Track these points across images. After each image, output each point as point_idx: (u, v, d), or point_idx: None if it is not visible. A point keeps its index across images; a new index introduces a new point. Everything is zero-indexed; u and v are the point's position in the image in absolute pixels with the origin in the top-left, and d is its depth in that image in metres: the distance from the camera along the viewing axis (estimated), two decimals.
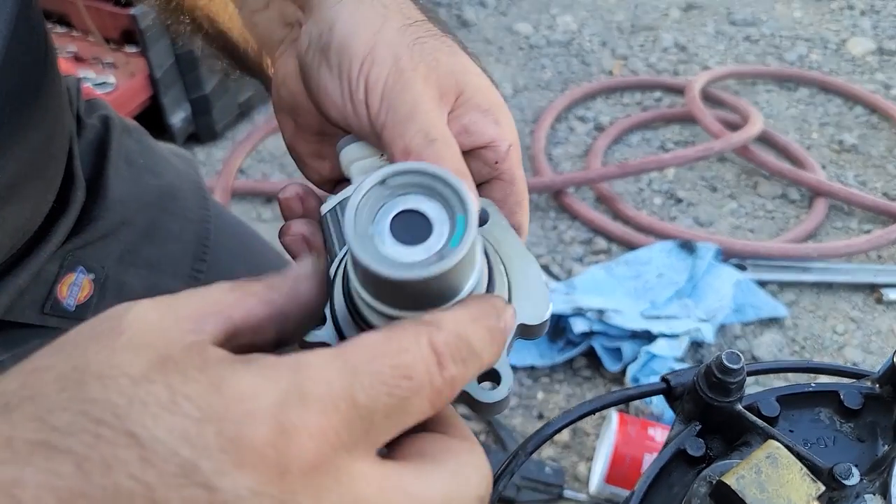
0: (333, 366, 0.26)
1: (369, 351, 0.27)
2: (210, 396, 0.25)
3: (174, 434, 0.24)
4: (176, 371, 0.25)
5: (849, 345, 1.69)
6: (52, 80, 0.62)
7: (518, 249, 0.41)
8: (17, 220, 0.59)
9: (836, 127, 2.27)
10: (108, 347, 0.26)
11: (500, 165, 0.43)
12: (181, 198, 0.77)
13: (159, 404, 0.24)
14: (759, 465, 0.39)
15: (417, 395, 0.28)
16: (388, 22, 0.42)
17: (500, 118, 0.43)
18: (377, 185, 0.33)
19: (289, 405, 0.25)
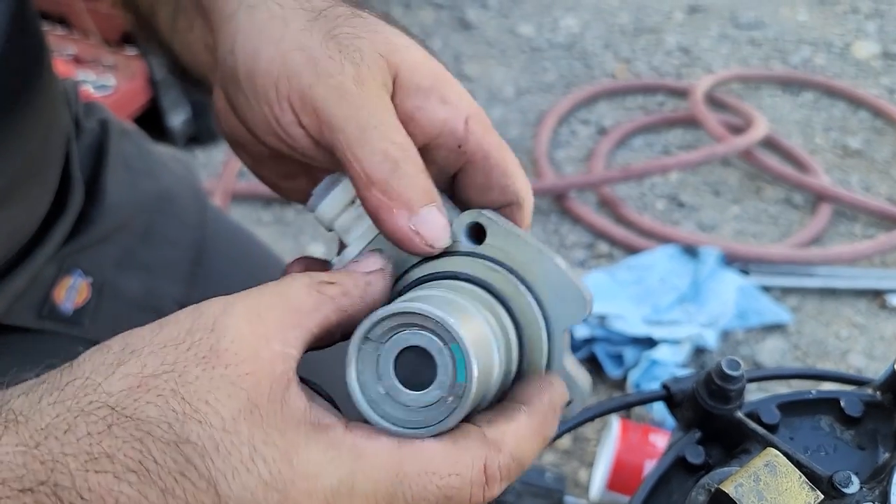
0: (388, 467, 0.30)
1: (425, 463, 0.31)
2: (281, 465, 0.29)
3: (246, 492, 0.28)
4: (260, 426, 0.29)
5: (852, 350, 1.68)
6: (48, 82, 0.61)
7: (530, 253, 0.38)
8: (14, 222, 0.59)
9: (841, 131, 2.26)
10: (207, 376, 0.29)
11: (466, 147, 0.39)
12: (179, 202, 0.76)
13: (240, 459, 0.28)
14: (757, 473, 0.38)
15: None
16: (289, 25, 0.38)
17: (447, 93, 0.38)
18: (361, 344, 0.33)
19: (340, 494, 0.29)
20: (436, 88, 0.38)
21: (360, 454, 0.30)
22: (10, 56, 0.53)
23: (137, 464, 0.27)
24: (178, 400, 0.29)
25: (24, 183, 0.58)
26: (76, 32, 1.91)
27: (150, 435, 0.28)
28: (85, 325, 0.64)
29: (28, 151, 0.58)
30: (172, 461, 0.28)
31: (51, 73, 0.62)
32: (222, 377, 0.29)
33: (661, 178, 2.10)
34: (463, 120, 0.38)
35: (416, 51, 0.39)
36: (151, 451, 0.28)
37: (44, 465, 0.27)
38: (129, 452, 0.27)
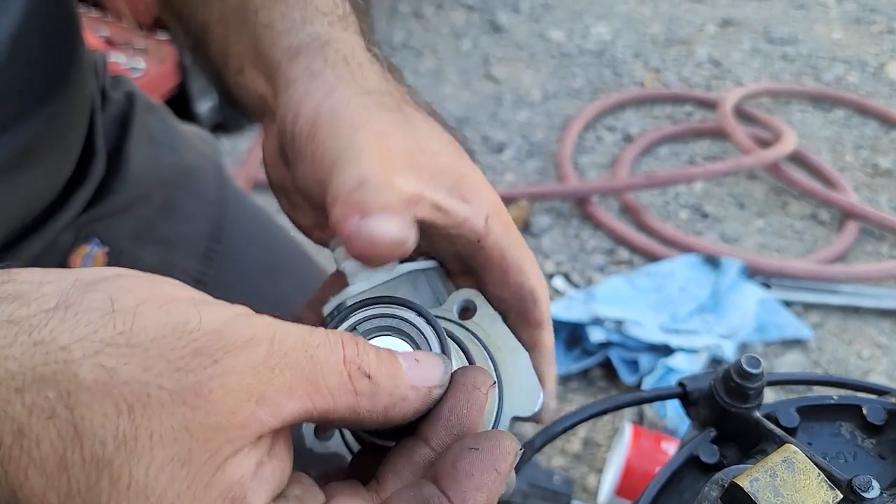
0: None
1: None
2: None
3: None
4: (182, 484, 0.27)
5: (874, 371, 1.64)
6: (75, 50, 0.61)
7: (506, 340, 0.42)
8: (32, 186, 0.59)
9: (872, 150, 2.23)
10: (169, 410, 0.27)
11: (484, 243, 0.41)
12: (200, 178, 0.76)
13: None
14: (774, 468, 0.37)
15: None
16: (336, 91, 0.41)
17: (468, 193, 0.41)
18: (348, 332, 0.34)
19: None
20: (458, 188, 0.40)
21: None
22: (38, 20, 0.54)
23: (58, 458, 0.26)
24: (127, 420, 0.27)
25: (44, 147, 0.58)
26: (109, 15, 1.93)
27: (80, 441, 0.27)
28: None
29: (50, 116, 0.58)
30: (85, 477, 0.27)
31: (79, 41, 0.63)
32: (182, 417, 0.27)
33: (685, 187, 2.07)
34: (483, 218, 0.41)
35: (441, 154, 0.41)
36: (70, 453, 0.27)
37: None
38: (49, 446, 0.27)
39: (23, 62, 0.53)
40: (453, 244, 0.42)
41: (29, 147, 0.55)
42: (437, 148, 0.42)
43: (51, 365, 0.27)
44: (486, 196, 0.42)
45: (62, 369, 0.27)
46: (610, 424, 1.50)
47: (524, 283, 0.42)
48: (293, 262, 0.83)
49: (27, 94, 0.55)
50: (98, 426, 0.26)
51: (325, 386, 0.29)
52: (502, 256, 0.42)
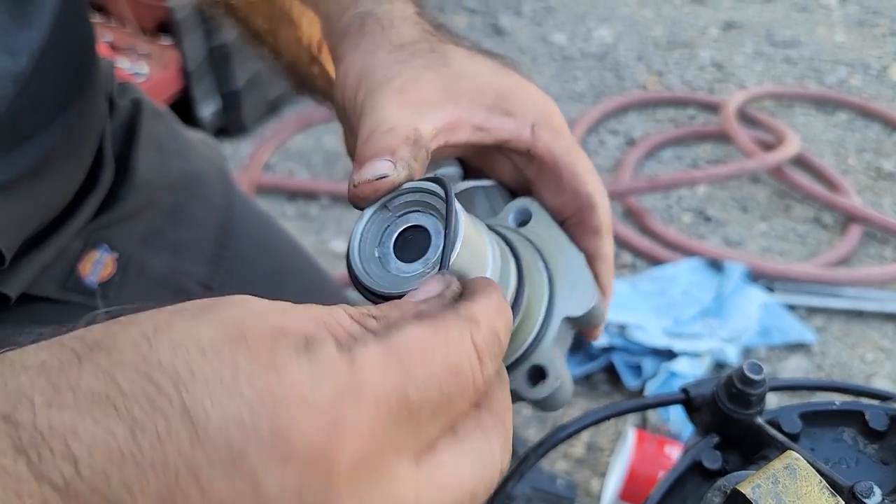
0: (388, 364, 0.26)
1: (420, 347, 0.27)
2: (268, 381, 0.24)
3: (229, 419, 0.23)
4: (245, 349, 0.25)
5: (878, 374, 1.65)
6: (92, 60, 0.63)
7: (561, 244, 0.41)
8: (48, 195, 0.60)
9: (875, 153, 2.23)
10: (196, 317, 0.26)
11: (534, 152, 0.41)
12: (206, 183, 0.77)
13: (221, 384, 0.24)
14: (776, 475, 0.37)
15: (464, 391, 0.28)
16: (372, 54, 0.43)
17: (512, 105, 0.41)
18: (379, 209, 0.35)
19: (344, 401, 0.25)
20: (499, 104, 0.41)
21: (354, 362, 0.26)
22: (63, 34, 0.55)
23: (103, 396, 0.23)
24: (152, 329, 0.25)
25: (61, 157, 0.59)
26: (113, 20, 1.94)
27: (119, 364, 0.24)
28: (109, 299, 0.65)
29: (69, 127, 0.59)
30: (142, 391, 0.23)
31: (94, 51, 0.64)
32: (210, 320, 0.26)
33: (688, 191, 2.08)
34: (529, 128, 0.41)
35: (480, 76, 0.42)
36: (118, 381, 0.23)
37: (7, 398, 0.23)
38: (95, 384, 0.23)
39: (47, 73, 0.54)
40: (509, 161, 0.42)
41: (48, 156, 0.56)
42: (477, 70, 0.42)
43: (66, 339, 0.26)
44: (532, 106, 0.42)
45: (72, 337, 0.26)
46: (613, 429, 1.51)
47: (579, 188, 0.42)
48: (298, 266, 0.84)
49: (49, 105, 0.56)
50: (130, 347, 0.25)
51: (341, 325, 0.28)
52: (554, 163, 0.41)
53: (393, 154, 0.36)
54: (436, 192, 0.34)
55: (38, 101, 0.54)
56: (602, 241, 0.42)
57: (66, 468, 0.22)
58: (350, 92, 0.42)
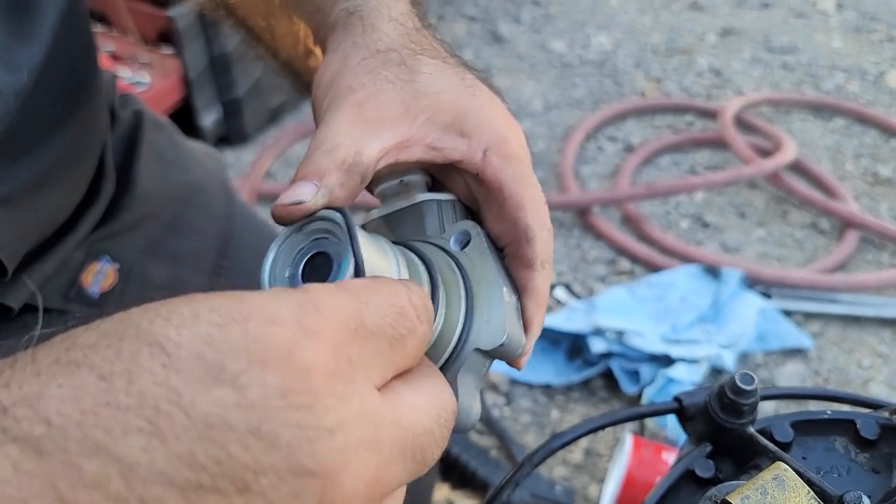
0: (339, 294, 0.27)
1: (368, 287, 0.29)
2: (233, 304, 0.25)
3: (198, 340, 0.24)
4: (203, 297, 0.25)
5: (874, 380, 1.65)
6: (94, 73, 0.63)
7: (489, 275, 0.41)
8: (51, 208, 0.61)
9: (872, 159, 2.24)
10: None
11: (483, 175, 0.41)
12: (207, 194, 0.78)
13: (181, 317, 0.24)
14: (765, 486, 0.38)
15: (413, 334, 0.29)
16: (348, 58, 0.43)
17: (468, 128, 0.41)
18: (294, 231, 0.36)
19: (308, 313, 0.25)
20: (455, 124, 0.41)
21: (307, 291, 0.27)
22: (65, 48, 0.55)
23: (65, 363, 0.23)
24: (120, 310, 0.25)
25: (64, 170, 0.60)
26: (115, 30, 1.95)
27: (73, 335, 0.24)
28: (110, 309, 0.66)
29: (71, 140, 0.59)
30: (104, 345, 0.24)
31: (95, 63, 0.64)
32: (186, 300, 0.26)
33: (686, 197, 2.09)
34: (481, 151, 0.41)
35: (442, 94, 0.42)
36: (78, 342, 0.24)
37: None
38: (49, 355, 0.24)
39: (48, 88, 0.54)
40: (464, 180, 0.43)
41: (49, 168, 0.57)
42: (440, 88, 0.42)
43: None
44: (489, 128, 0.41)
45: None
46: (611, 435, 1.51)
47: (519, 218, 0.41)
48: None
49: (50, 118, 0.56)
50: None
51: None
52: (500, 190, 0.41)
53: (320, 178, 0.37)
54: (337, 221, 0.35)
55: (40, 115, 0.54)
56: (534, 274, 0.41)
57: (38, 429, 0.22)
58: (320, 93, 0.43)
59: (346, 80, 0.42)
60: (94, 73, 0.63)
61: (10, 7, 0.51)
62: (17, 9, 0.52)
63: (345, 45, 0.44)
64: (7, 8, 0.51)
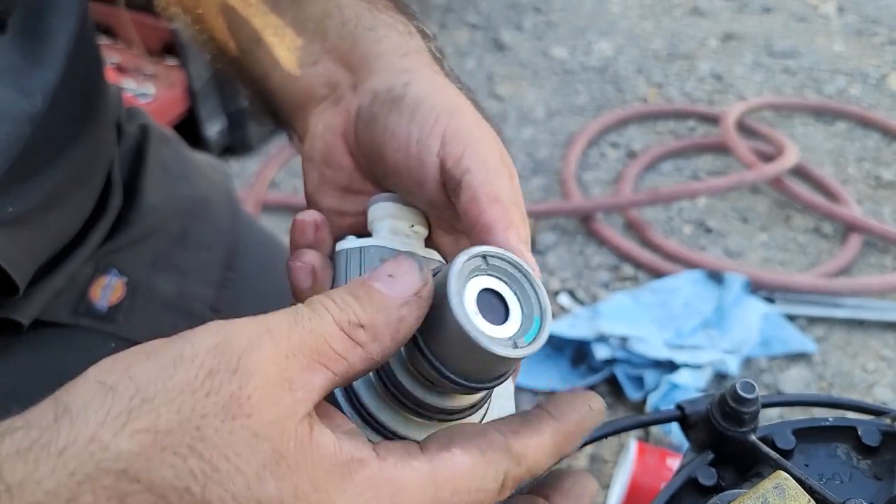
0: (425, 494, 0.30)
1: (457, 483, 0.31)
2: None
3: None
4: (289, 479, 0.27)
5: (879, 384, 1.65)
6: (103, 93, 0.64)
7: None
8: (60, 224, 0.61)
9: (874, 162, 2.24)
10: (227, 428, 0.27)
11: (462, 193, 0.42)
12: (213, 207, 0.78)
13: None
14: (765, 495, 0.39)
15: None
16: (461, 95, 0.45)
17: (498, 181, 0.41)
18: (477, 257, 0.34)
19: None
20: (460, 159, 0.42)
21: (397, 488, 0.29)
22: (75, 69, 0.56)
23: None
24: (195, 458, 0.26)
25: (73, 187, 0.60)
26: (120, 42, 1.96)
27: (165, 501, 0.25)
28: (118, 322, 0.66)
29: (80, 158, 0.60)
30: None
31: (105, 84, 0.65)
32: (244, 428, 0.27)
33: (689, 203, 2.09)
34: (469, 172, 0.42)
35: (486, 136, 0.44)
36: None
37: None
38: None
39: (60, 110, 0.55)
40: None
41: (59, 188, 0.57)
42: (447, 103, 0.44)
43: (88, 462, 0.26)
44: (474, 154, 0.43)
45: (104, 457, 0.26)
46: (616, 441, 1.51)
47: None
48: None
49: (61, 140, 0.57)
50: (172, 480, 0.26)
51: (334, 352, 0.31)
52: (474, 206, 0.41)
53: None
54: (531, 280, 0.35)
55: (52, 137, 0.55)
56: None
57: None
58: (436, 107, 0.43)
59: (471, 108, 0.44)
60: (103, 90, 0.64)
61: (23, 31, 0.52)
62: (31, 33, 0.52)
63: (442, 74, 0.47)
64: (21, 32, 0.51)
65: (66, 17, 0.55)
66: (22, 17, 0.52)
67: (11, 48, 0.51)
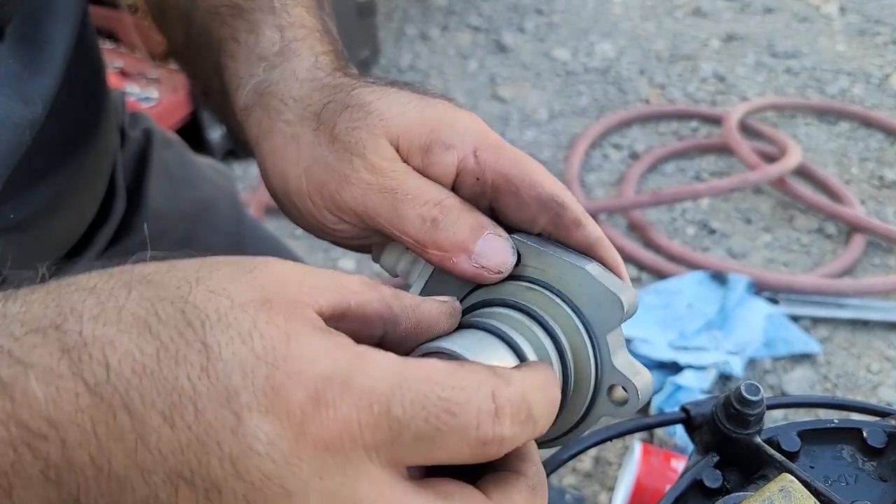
0: (388, 370, 0.28)
1: (428, 374, 0.28)
2: (277, 342, 0.27)
3: (235, 360, 0.27)
4: (267, 311, 0.28)
5: (883, 384, 1.65)
6: (103, 98, 0.64)
7: (561, 266, 0.39)
8: (63, 230, 0.62)
9: (877, 162, 2.24)
10: (232, 273, 0.29)
11: (483, 177, 0.40)
12: (217, 210, 0.79)
13: (238, 331, 0.27)
14: (771, 497, 0.39)
15: (455, 434, 0.28)
16: (300, 143, 0.42)
17: (446, 139, 0.40)
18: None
19: (332, 383, 0.27)
20: (435, 140, 0.40)
21: (362, 355, 0.28)
22: (75, 75, 0.56)
23: (142, 319, 0.27)
24: (196, 277, 0.29)
25: (76, 192, 0.61)
26: (123, 47, 1.97)
27: (161, 298, 0.28)
28: None
29: (83, 163, 0.60)
30: (174, 320, 0.27)
31: (107, 89, 0.65)
32: (245, 279, 0.29)
33: (692, 204, 2.09)
34: (471, 155, 0.40)
35: (408, 114, 0.41)
36: (157, 310, 0.27)
37: (61, 311, 0.27)
38: (137, 309, 0.27)
39: (60, 117, 0.55)
40: (464, 198, 0.41)
41: (62, 193, 0.58)
42: (399, 109, 0.41)
43: (129, 273, 0.29)
44: (468, 133, 0.40)
45: (135, 271, 0.29)
46: (621, 442, 1.51)
47: (539, 193, 0.39)
48: None
49: (63, 145, 0.57)
50: (173, 285, 0.28)
51: (352, 286, 0.32)
52: (507, 181, 0.40)
53: (495, 229, 0.40)
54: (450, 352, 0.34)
55: (53, 143, 0.55)
56: (588, 228, 0.40)
57: (100, 371, 0.26)
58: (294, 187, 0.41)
59: (328, 161, 0.40)
60: (104, 96, 0.64)
61: (21, 39, 0.52)
62: (29, 40, 0.52)
63: (279, 127, 0.43)
64: (19, 39, 0.51)
65: (64, 24, 0.55)
66: (19, 24, 0.52)
67: (10, 56, 0.51)
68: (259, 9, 0.48)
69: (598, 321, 0.38)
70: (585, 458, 1.50)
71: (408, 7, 2.90)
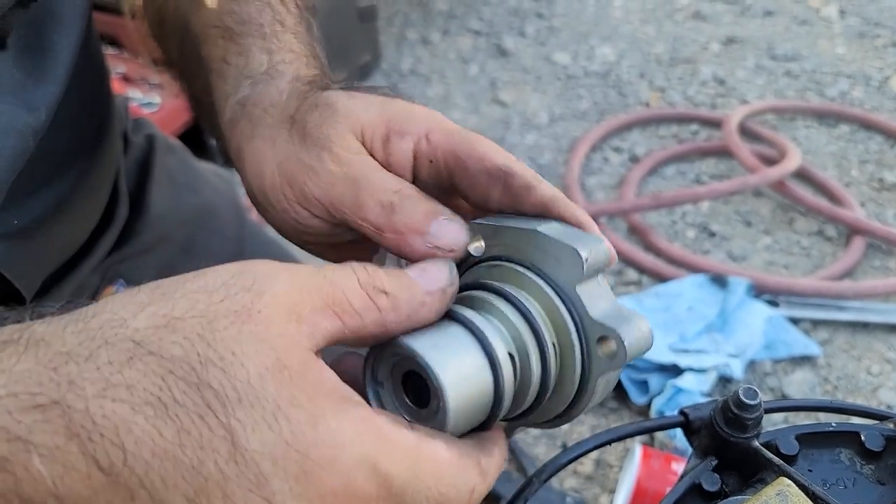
0: (406, 456, 0.30)
1: (437, 467, 0.32)
2: (306, 427, 0.28)
3: (265, 448, 0.27)
4: (287, 386, 0.28)
5: (883, 386, 1.65)
6: (109, 105, 0.65)
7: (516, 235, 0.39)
8: (66, 235, 0.62)
9: (877, 165, 2.24)
10: (236, 329, 0.29)
11: (436, 158, 0.41)
12: (219, 216, 0.79)
13: (263, 414, 0.28)
14: (768, 501, 0.39)
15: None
16: (276, 143, 0.44)
17: (400, 127, 0.42)
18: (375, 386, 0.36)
19: (362, 469, 0.29)
20: (391, 129, 0.42)
21: (386, 438, 0.30)
22: (79, 82, 0.57)
23: (156, 398, 0.27)
24: (203, 345, 0.28)
25: (80, 198, 0.61)
26: (126, 52, 1.97)
27: (171, 373, 0.27)
28: None
29: (86, 170, 0.61)
30: (192, 402, 0.27)
31: (111, 96, 0.66)
32: (251, 333, 0.29)
33: (692, 207, 2.09)
34: (423, 138, 0.42)
35: (370, 110, 0.43)
36: (171, 389, 0.27)
37: (59, 386, 0.26)
38: (149, 386, 0.27)
39: (64, 124, 0.56)
40: (425, 185, 0.42)
41: (65, 199, 0.58)
42: (363, 106, 0.43)
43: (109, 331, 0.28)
44: (419, 119, 0.42)
45: (122, 330, 0.28)
46: (621, 445, 1.52)
47: (486, 165, 0.40)
48: None
49: (66, 152, 0.58)
50: (180, 355, 0.28)
51: (351, 305, 0.32)
52: (457, 159, 0.41)
53: (449, 215, 0.41)
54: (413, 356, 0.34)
55: (57, 150, 0.56)
56: (539, 189, 0.40)
57: (115, 453, 0.26)
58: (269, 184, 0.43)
59: (299, 156, 0.42)
60: (108, 103, 0.65)
61: (25, 47, 0.52)
62: (32, 49, 0.53)
63: (260, 131, 0.45)
64: (22, 48, 0.52)
65: (68, 33, 0.55)
66: (23, 33, 0.52)
67: (14, 64, 0.51)
68: (249, 33, 0.50)
69: (562, 278, 0.37)
70: (586, 461, 1.51)
71: (409, 11, 2.91)
